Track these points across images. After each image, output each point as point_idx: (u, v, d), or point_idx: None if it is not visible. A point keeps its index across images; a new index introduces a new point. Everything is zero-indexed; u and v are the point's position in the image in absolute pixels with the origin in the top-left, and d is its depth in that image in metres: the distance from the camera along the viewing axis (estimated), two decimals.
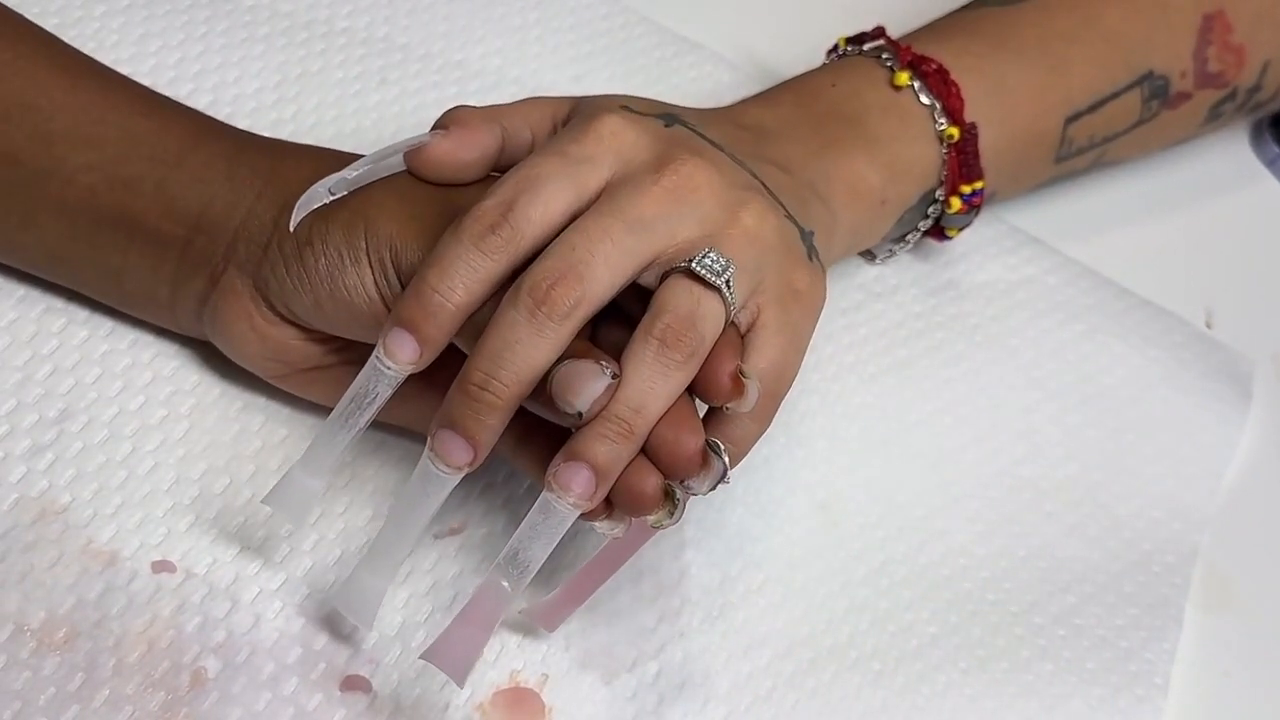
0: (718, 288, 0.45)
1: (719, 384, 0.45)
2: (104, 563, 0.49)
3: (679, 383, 0.45)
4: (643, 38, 0.69)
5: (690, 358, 0.45)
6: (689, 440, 0.45)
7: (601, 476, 0.44)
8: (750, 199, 0.48)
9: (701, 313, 0.45)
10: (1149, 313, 0.66)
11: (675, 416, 0.45)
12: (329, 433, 0.47)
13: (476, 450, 0.45)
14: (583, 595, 0.49)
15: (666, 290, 0.45)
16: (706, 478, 0.45)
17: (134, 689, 0.47)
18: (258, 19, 0.64)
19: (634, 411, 0.44)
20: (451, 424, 0.45)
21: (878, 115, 0.58)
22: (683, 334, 0.45)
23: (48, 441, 0.51)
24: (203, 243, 0.50)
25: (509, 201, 0.45)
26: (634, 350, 0.45)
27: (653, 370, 0.44)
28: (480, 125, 0.51)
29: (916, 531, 0.57)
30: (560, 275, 0.44)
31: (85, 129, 0.50)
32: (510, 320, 0.44)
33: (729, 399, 0.45)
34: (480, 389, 0.44)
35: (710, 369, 0.45)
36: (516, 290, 0.44)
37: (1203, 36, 0.64)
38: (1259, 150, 0.74)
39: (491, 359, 0.44)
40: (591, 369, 0.44)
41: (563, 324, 0.44)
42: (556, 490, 0.44)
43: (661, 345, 0.45)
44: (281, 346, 0.51)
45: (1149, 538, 0.59)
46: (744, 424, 0.47)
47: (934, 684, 0.54)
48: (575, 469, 0.44)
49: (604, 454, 0.44)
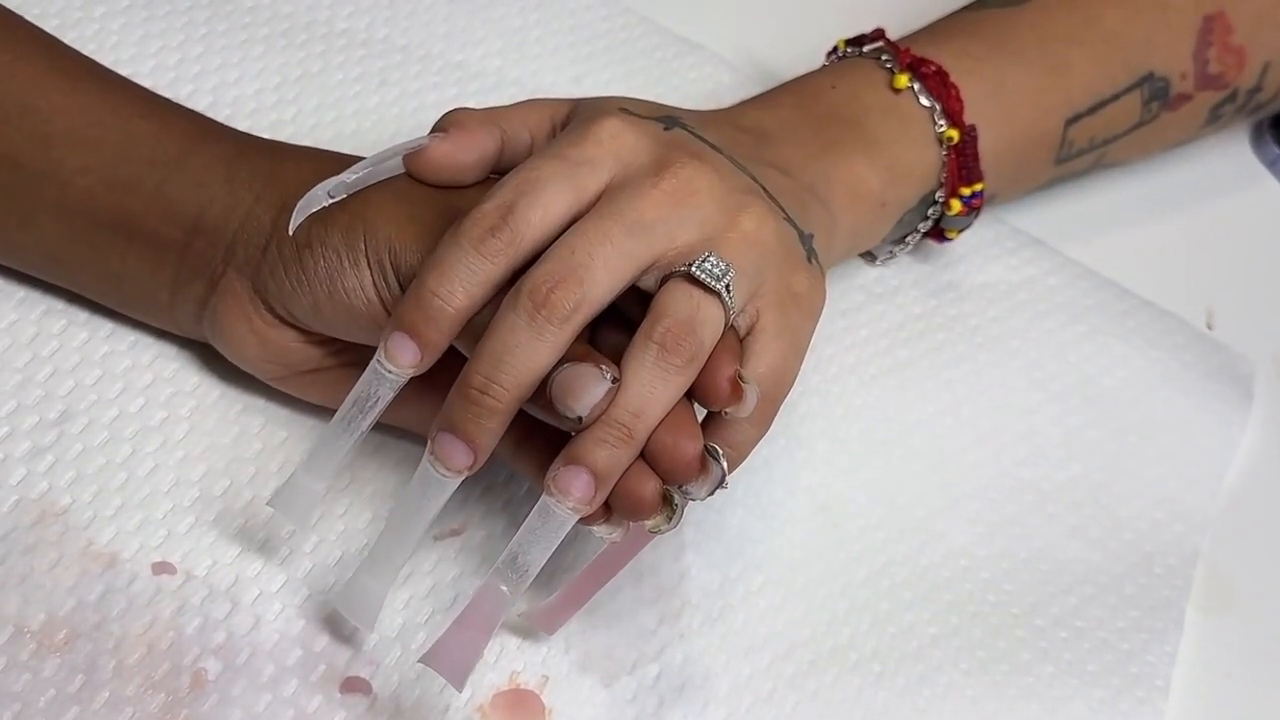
0: (717, 292, 0.45)
1: (718, 389, 0.45)
2: (104, 565, 0.49)
3: (678, 387, 0.45)
4: (642, 39, 0.69)
5: (690, 362, 0.45)
6: (688, 445, 0.45)
7: (601, 481, 0.44)
8: (750, 202, 0.48)
9: (701, 317, 0.45)
10: (1150, 314, 0.65)
11: (674, 421, 0.45)
12: (332, 436, 0.47)
13: (476, 453, 0.45)
14: (582, 599, 0.49)
15: (666, 294, 0.45)
16: (705, 483, 0.45)
17: (134, 691, 0.47)
18: (258, 20, 0.64)
19: (633, 416, 0.44)
20: (451, 427, 0.44)
21: (878, 117, 0.58)
22: (682, 339, 0.44)
23: (48, 443, 0.51)
24: (201, 245, 0.50)
25: (508, 204, 0.45)
26: (633, 355, 0.45)
27: (652, 375, 0.44)
28: (479, 127, 0.50)
29: (917, 533, 0.57)
30: (560, 278, 0.44)
31: (84, 131, 0.50)
32: (510, 324, 0.44)
33: (728, 404, 0.45)
34: (480, 392, 0.44)
35: (709, 374, 0.45)
36: (516, 293, 0.44)
37: (1203, 38, 0.63)
38: (1259, 151, 0.74)
39: (491, 362, 0.44)
40: (591, 373, 0.44)
41: (563, 327, 0.44)
42: (556, 494, 0.44)
43: (661, 350, 0.44)
44: (281, 349, 0.51)
45: (1150, 539, 0.59)
46: (743, 429, 0.46)
47: (935, 686, 0.54)
48: (574, 473, 0.44)
49: (603, 458, 0.44)
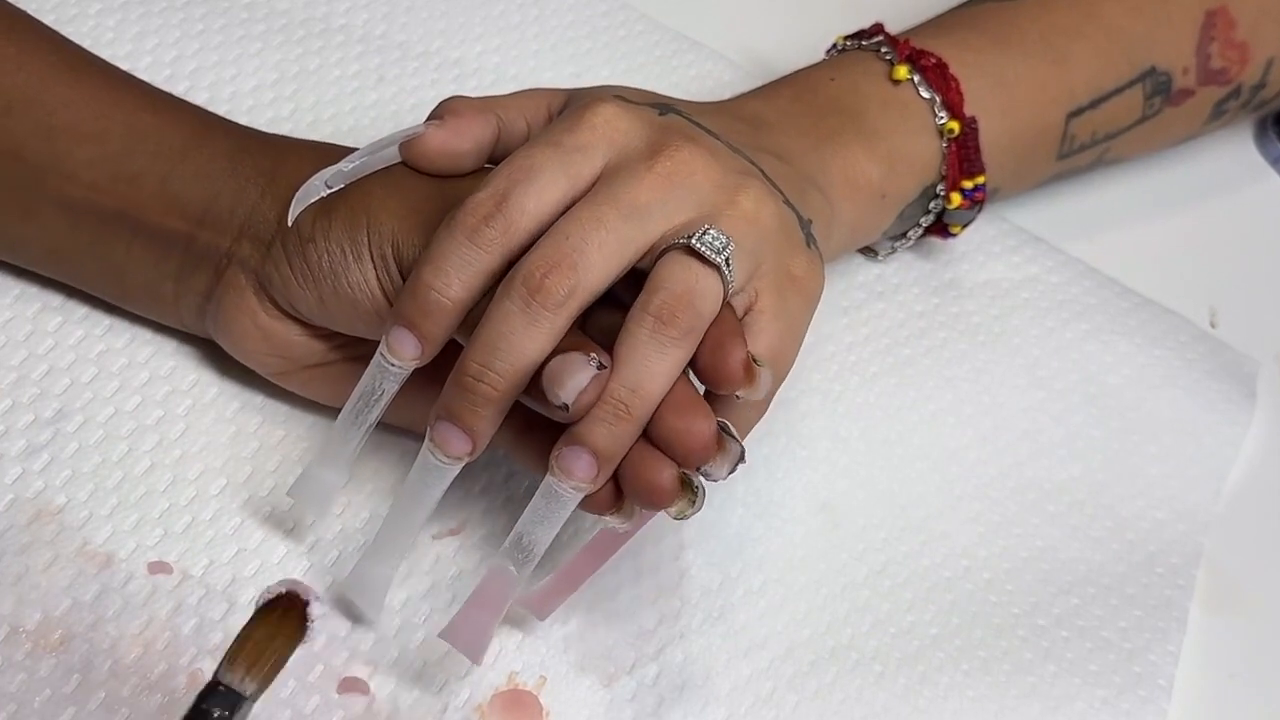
0: (717, 265, 0.44)
1: (731, 372, 0.44)
2: (100, 564, 0.49)
3: (675, 360, 0.44)
4: (642, 35, 0.69)
5: (686, 334, 0.44)
6: (701, 426, 0.44)
7: (603, 460, 0.44)
8: (747, 183, 0.47)
9: (700, 289, 0.44)
10: (1153, 312, 0.65)
11: (681, 404, 0.44)
12: (341, 429, 0.48)
13: (475, 441, 0.45)
14: (575, 583, 0.49)
15: (663, 267, 0.45)
16: (724, 461, 0.45)
17: (130, 691, 0.47)
18: (255, 16, 0.64)
19: (630, 392, 0.44)
20: (449, 415, 0.45)
21: (877, 109, 0.58)
22: (679, 311, 0.44)
23: (43, 442, 0.51)
24: (207, 238, 0.50)
25: (502, 193, 0.45)
26: (628, 329, 0.44)
27: (648, 349, 0.44)
28: (475, 115, 0.50)
29: (918, 533, 0.57)
30: (554, 264, 0.44)
31: (89, 124, 0.50)
32: (504, 311, 0.44)
33: (740, 387, 0.44)
34: (476, 380, 0.44)
35: (721, 356, 0.44)
36: (510, 281, 0.44)
37: (1205, 33, 0.63)
38: (1263, 148, 0.73)
39: (486, 350, 0.44)
40: (577, 359, 0.43)
41: (557, 313, 0.44)
42: (558, 475, 0.44)
43: (657, 322, 0.44)
44: (284, 343, 0.51)
45: (1153, 539, 0.59)
46: (745, 410, 0.46)
47: (936, 686, 0.54)
48: (576, 453, 0.44)
49: (603, 437, 0.44)
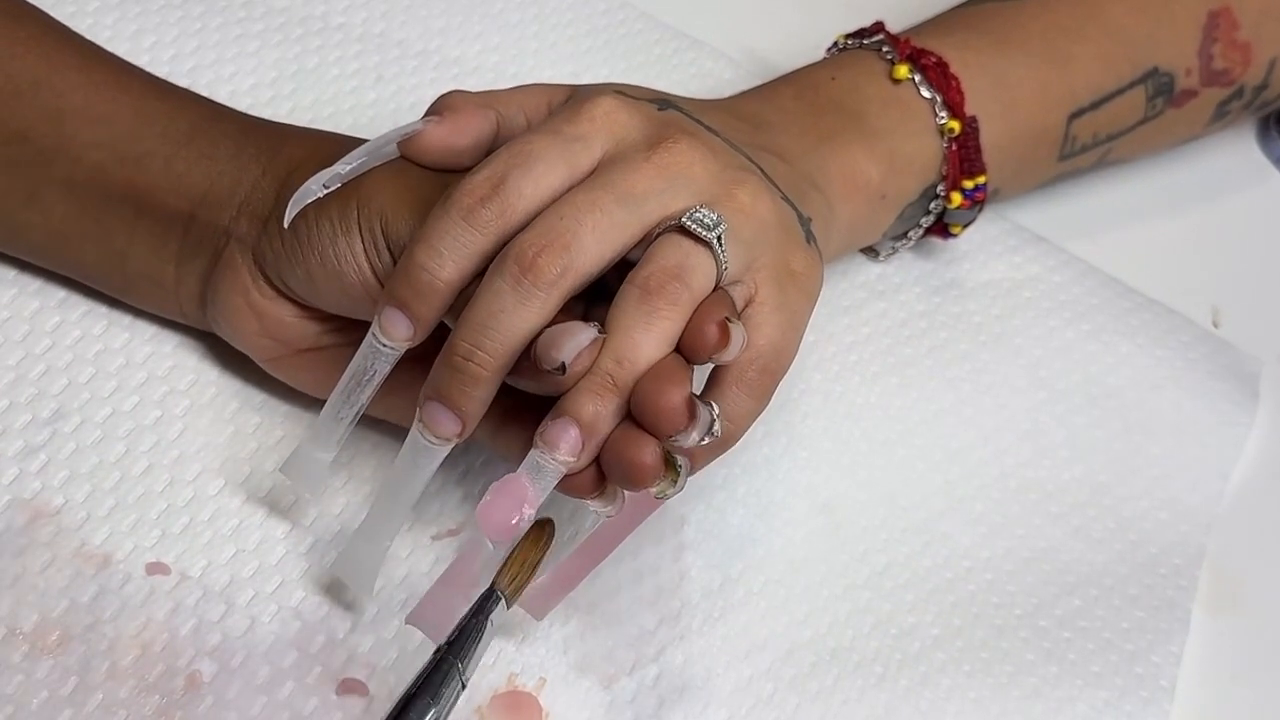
0: (708, 242, 0.44)
1: (704, 334, 0.44)
2: (97, 565, 0.49)
3: (662, 334, 0.44)
4: (642, 34, 0.69)
5: (673, 306, 0.44)
6: (673, 392, 0.43)
7: (588, 433, 0.44)
8: (745, 178, 0.47)
9: (690, 264, 0.44)
10: (1155, 312, 0.65)
11: (658, 369, 0.44)
12: (333, 408, 0.48)
13: (464, 421, 0.45)
14: (571, 582, 0.48)
15: (656, 245, 0.45)
16: (693, 429, 0.44)
17: (128, 693, 0.47)
18: (252, 15, 0.64)
19: (616, 363, 0.44)
20: (438, 395, 0.45)
21: (878, 108, 0.57)
22: (666, 283, 0.44)
23: (40, 443, 0.51)
24: (206, 217, 0.50)
25: (500, 175, 0.45)
26: (617, 302, 0.44)
27: (634, 320, 0.44)
28: (474, 111, 0.50)
29: (920, 533, 0.57)
30: (547, 243, 0.44)
31: (98, 107, 0.51)
32: (495, 289, 0.44)
33: (715, 350, 0.44)
34: (465, 360, 0.44)
35: (695, 320, 0.44)
36: (502, 259, 0.44)
37: (1208, 33, 0.63)
38: (1266, 148, 0.73)
39: (476, 329, 0.44)
40: (576, 324, 0.43)
41: (549, 292, 0.44)
42: (543, 448, 0.44)
43: (643, 293, 0.44)
44: (277, 323, 0.51)
45: (1155, 539, 0.59)
46: (740, 399, 0.46)
47: (937, 687, 0.53)
48: (563, 426, 0.44)
49: (589, 409, 0.44)
